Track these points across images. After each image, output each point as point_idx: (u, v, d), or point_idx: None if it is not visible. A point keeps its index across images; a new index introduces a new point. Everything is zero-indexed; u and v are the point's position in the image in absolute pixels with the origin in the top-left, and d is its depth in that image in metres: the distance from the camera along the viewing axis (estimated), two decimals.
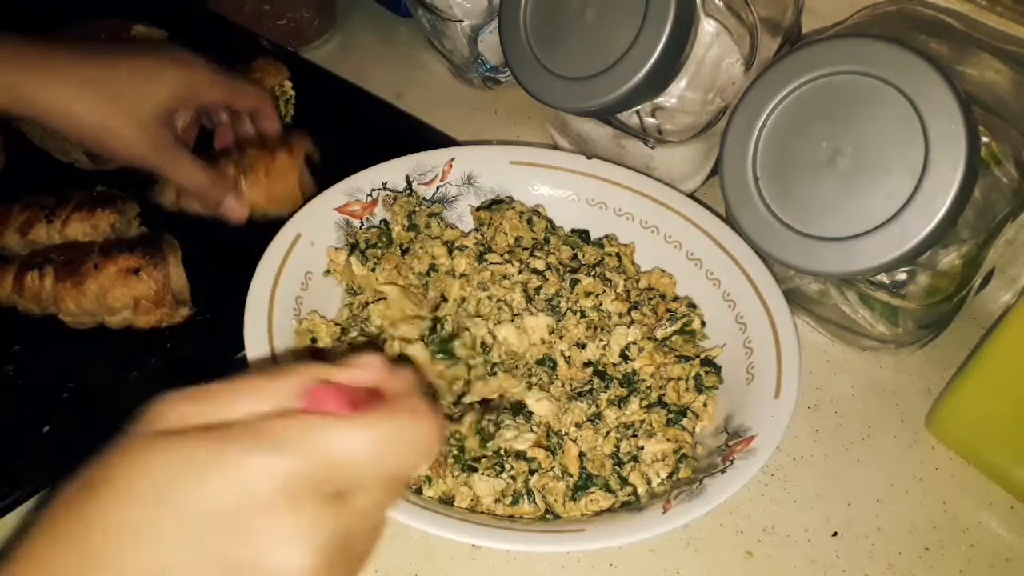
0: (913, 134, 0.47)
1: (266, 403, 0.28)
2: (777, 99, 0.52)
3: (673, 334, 0.55)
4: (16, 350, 0.53)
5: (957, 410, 0.53)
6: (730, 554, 0.48)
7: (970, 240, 0.51)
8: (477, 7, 0.71)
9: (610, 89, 0.56)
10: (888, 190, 0.48)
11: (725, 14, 0.58)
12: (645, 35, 0.55)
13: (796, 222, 0.51)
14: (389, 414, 0.28)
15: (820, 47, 0.51)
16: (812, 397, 0.57)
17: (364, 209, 0.58)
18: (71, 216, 0.57)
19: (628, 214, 0.61)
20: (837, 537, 0.49)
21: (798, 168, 0.51)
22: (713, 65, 0.59)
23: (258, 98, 0.62)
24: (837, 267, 0.50)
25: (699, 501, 0.43)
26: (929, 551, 0.49)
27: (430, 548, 0.47)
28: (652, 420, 0.50)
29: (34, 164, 0.63)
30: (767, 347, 0.51)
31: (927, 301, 0.53)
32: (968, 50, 0.55)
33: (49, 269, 0.53)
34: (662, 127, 0.62)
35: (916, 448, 0.55)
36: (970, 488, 0.53)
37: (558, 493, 0.47)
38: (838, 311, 0.58)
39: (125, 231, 0.58)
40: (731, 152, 0.54)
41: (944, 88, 0.46)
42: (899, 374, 0.59)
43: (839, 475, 0.52)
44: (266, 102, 0.62)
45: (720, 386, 0.52)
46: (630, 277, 0.58)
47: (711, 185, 0.66)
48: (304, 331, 0.51)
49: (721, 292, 0.56)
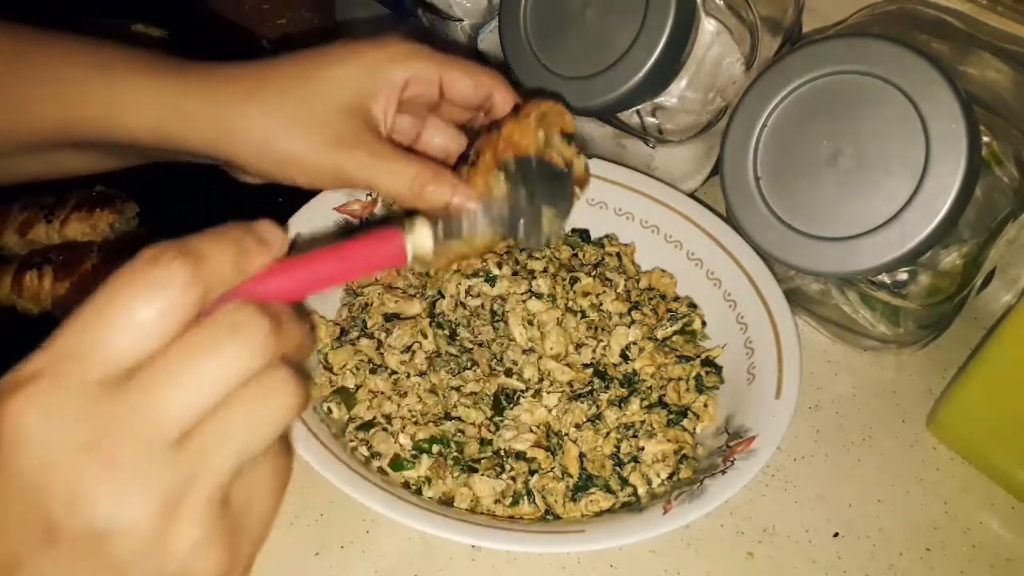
0: (914, 134, 0.47)
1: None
2: (778, 99, 0.52)
3: (674, 334, 0.55)
4: (15, 350, 0.53)
5: (958, 410, 0.53)
6: (731, 555, 0.48)
7: (971, 240, 0.51)
8: (477, 6, 0.71)
9: (610, 88, 0.56)
10: (889, 190, 0.48)
11: (726, 13, 0.58)
12: (645, 34, 0.55)
13: (797, 222, 0.51)
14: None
15: (821, 46, 0.51)
16: (813, 397, 0.57)
17: (364, 209, 0.58)
18: (70, 216, 0.57)
19: (628, 214, 0.61)
20: (838, 538, 0.49)
21: (799, 168, 0.51)
22: (714, 64, 0.59)
23: (491, 74, 0.46)
24: (838, 267, 0.50)
25: (700, 502, 0.43)
26: (930, 551, 0.49)
27: (430, 549, 0.46)
28: (652, 420, 0.50)
29: None
30: (768, 347, 0.51)
31: (928, 301, 0.53)
32: (969, 49, 0.55)
33: (48, 269, 0.53)
34: (662, 127, 0.62)
35: (917, 448, 0.55)
36: (971, 488, 0.53)
37: (558, 494, 0.47)
38: (839, 311, 0.58)
39: (124, 231, 0.58)
40: (732, 152, 0.54)
41: (945, 88, 0.46)
42: (900, 374, 0.59)
43: (840, 475, 0.52)
44: (500, 81, 0.46)
45: (721, 386, 0.52)
46: (630, 277, 0.58)
47: (712, 185, 0.65)
48: None
49: (722, 292, 0.56)
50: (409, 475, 0.46)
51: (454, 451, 0.48)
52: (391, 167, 0.43)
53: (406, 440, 0.47)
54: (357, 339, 0.52)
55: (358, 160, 0.43)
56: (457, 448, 0.48)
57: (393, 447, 0.47)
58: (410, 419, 0.48)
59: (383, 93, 0.44)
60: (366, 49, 0.44)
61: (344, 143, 0.42)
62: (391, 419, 0.48)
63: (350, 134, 0.43)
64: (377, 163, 0.43)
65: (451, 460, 0.47)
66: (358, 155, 0.43)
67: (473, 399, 0.50)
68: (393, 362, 0.51)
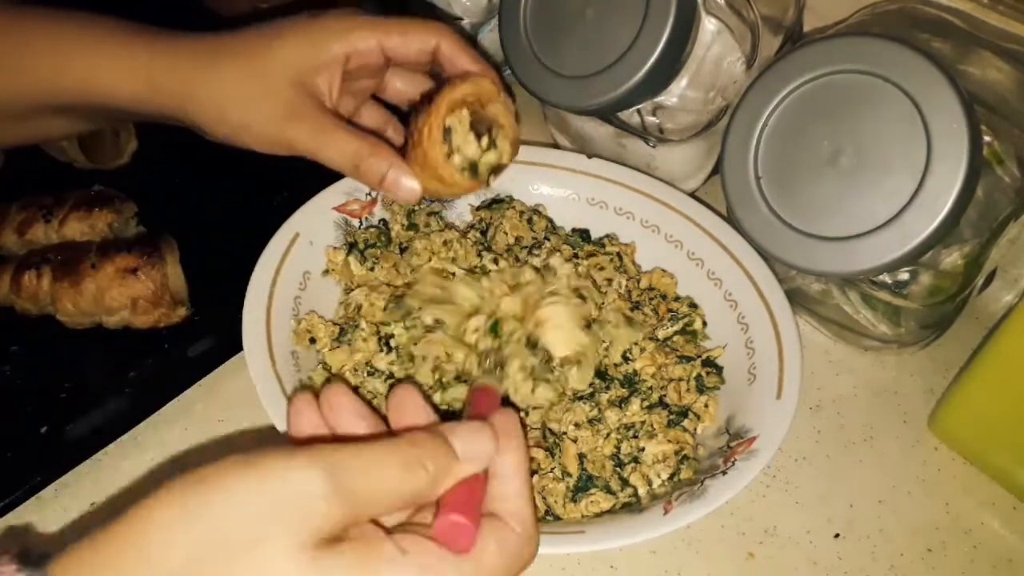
0: (915, 133, 0.47)
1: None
2: (779, 98, 0.52)
3: (674, 334, 0.55)
4: (13, 350, 0.53)
5: (960, 411, 0.53)
6: (731, 555, 0.48)
7: (972, 240, 0.51)
8: (477, 6, 0.71)
9: (611, 88, 0.56)
10: (890, 189, 0.48)
11: (726, 12, 0.58)
12: (646, 33, 0.54)
13: (798, 221, 0.51)
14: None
15: (822, 46, 0.51)
16: (814, 398, 0.56)
17: (363, 208, 0.58)
18: (69, 216, 0.56)
19: (629, 213, 0.60)
20: (839, 538, 0.49)
21: (800, 167, 0.51)
22: (714, 64, 0.59)
23: (430, 31, 0.48)
24: (839, 267, 0.50)
25: (700, 502, 0.43)
26: (931, 552, 0.49)
27: None
28: (653, 421, 0.49)
29: (32, 163, 0.63)
30: (769, 347, 0.51)
31: (929, 301, 0.53)
32: (970, 49, 0.55)
33: (46, 269, 0.53)
34: (663, 126, 0.62)
35: (918, 449, 0.54)
36: (972, 489, 0.52)
37: (558, 494, 0.47)
38: (840, 311, 0.58)
39: (123, 231, 0.58)
40: (732, 151, 0.54)
41: (946, 87, 0.46)
42: (901, 374, 0.59)
43: (841, 476, 0.52)
44: (447, 33, 0.48)
45: (722, 387, 0.52)
46: (631, 277, 0.58)
47: (712, 184, 0.65)
48: (303, 331, 0.51)
49: (722, 292, 0.56)
50: None
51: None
52: (334, 140, 0.46)
53: None
54: (352, 340, 0.51)
55: (304, 132, 0.46)
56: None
57: None
58: None
59: (326, 67, 0.46)
60: (308, 25, 0.47)
61: (292, 115, 0.45)
62: None
63: (298, 107, 0.45)
64: (321, 136, 0.46)
65: None
66: (304, 127, 0.46)
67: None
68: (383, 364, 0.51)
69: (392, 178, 0.46)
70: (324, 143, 0.45)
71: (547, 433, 0.49)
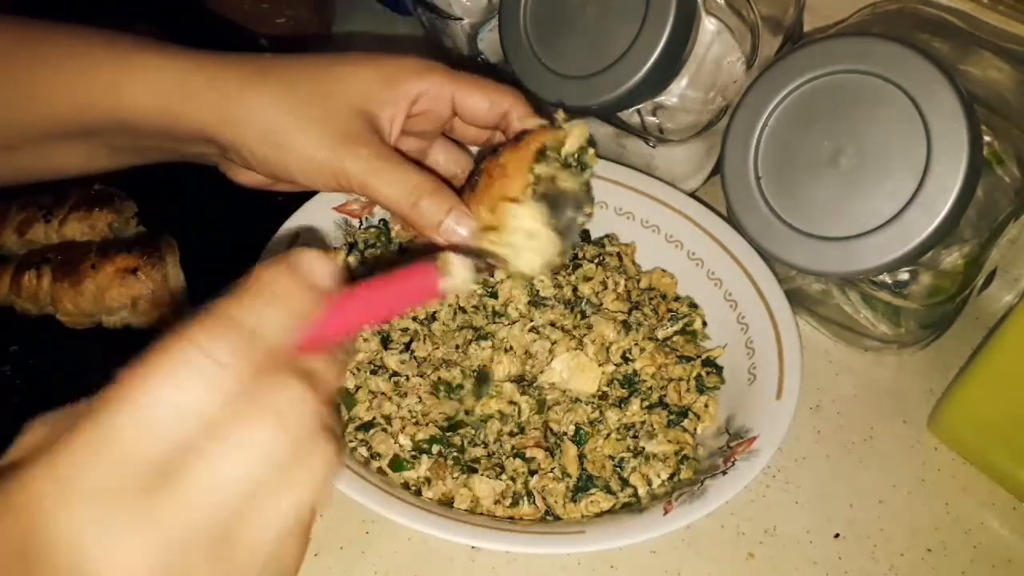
0: (915, 133, 0.47)
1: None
2: (779, 98, 0.52)
3: (674, 334, 0.55)
4: (13, 350, 0.53)
5: (960, 411, 0.53)
6: (731, 555, 0.48)
7: (972, 240, 0.51)
8: (477, 5, 0.71)
9: (611, 87, 0.56)
10: (890, 189, 0.48)
11: (726, 12, 0.58)
12: (646, 33, 0.54)
13: (798, 221, 0.51)
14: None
15: (822, 46, 0.51)
16: (814, 398, 0.56)
17: (363, 208, 0.58)
18: (69, 215, 0.56)
19: (629, 213, 0.60)
20: (839, 538, 0.49)
21: (800, 167, 0.51)
22: (714, 64, 0.59)
23: (506, 93, 0.45)
24: (839, 267, 0.50)
25: (700, 502, 0.43)
26: (931, 552, 0.49)
27: (429, 550, 0.46)
28: (653, 421, 0.49)
29: None
30: (769, 347, 0.51)
31: (929, 301, 0.53)
32: (970, 49, 0.55)
33: (46, 269, 0.53)
34: (663, 126, 0.62)
35: (918, 449, 0.54)
36: (973, 489, 0.52)
37: (558, 494, 0.47)
38: (840, 311, 0.58)
39: (123, 231, 0.58)
40: (732, 151, 0.54)
41: (946, 87, 0.46)
42: (901, 374, 0.59)
43: (841, 476, 0.52)
44: (521, 99, 0.45)
45: (721, 387, 0.52)
46: (631, 277, 0.58)
47: (712, 184, 0.65)
48: None
49: (722, 292, 0.56)
50: (409, 476, 0.46)
51: (454, 451, 0.47)
52: (393, 171, 0.42)
53: (406, 441, 0.47)
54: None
55: (361, 158, 0.41)
56: (458, 449, 0.48)
57: (393, 448, 0.47)
58: (410, 420, 0.48)
59: (393, 103, 0.43)
60: (383, 58, 0.44)
61: (348, 140, 0.42)
62: (391, 420, 0.48)
63: (357, 133, 0.42)
64: (379, 165, 0.42)
65: (451, 460, 0.47)
66: (362, 153, 0.41)
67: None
68: (393, 363, 0.51)
69: (448, 226, 0.41)
70: (382, 172, 0.41)
71: (547, 433, 0.49)
